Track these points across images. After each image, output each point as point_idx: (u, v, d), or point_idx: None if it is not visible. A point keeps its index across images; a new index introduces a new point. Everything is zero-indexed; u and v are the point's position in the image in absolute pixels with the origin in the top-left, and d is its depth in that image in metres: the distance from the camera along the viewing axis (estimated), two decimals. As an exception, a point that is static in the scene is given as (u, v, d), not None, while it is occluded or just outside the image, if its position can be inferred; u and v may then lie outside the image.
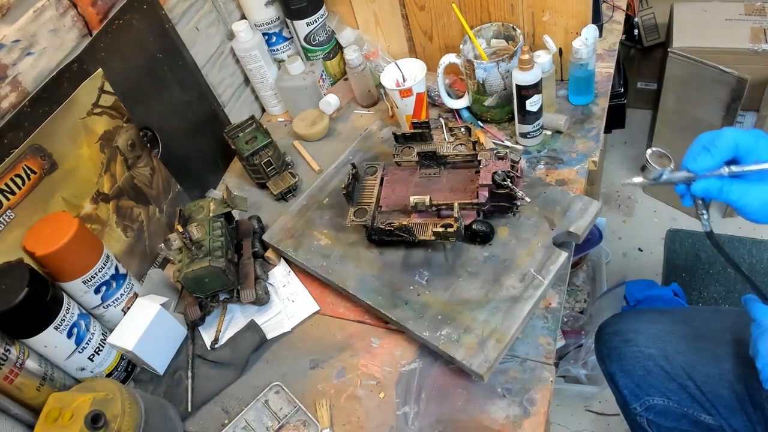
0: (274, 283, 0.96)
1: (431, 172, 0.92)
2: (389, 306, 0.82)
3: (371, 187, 0.91)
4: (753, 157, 0.65)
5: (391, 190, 0.91)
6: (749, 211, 0.66)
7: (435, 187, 0.89)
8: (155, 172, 0.99)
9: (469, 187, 0.87)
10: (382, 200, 0.90)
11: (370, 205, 0.88)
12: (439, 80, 1.05)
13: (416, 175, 0.92)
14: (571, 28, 1.01)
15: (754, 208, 0.65)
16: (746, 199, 0.65)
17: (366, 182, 0.93)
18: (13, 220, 0.76)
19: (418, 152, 0.91)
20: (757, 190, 0.65)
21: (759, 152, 0.64)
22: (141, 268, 0.97)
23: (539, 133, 1.00)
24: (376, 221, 0.86)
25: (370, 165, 0.95)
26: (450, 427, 0.74)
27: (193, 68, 1.08)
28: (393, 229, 0.83)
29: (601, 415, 1.48)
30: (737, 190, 0.65)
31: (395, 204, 0.89)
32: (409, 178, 0.92)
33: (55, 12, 0.82)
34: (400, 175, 0.93)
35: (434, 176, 0.91)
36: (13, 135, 0.76)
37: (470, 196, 0.85)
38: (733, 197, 0.65)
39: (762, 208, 0.65)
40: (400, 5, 1.12)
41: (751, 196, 0.65)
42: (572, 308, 1.58)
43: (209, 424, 0.83)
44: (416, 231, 0.83)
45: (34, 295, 0.72)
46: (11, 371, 0.72)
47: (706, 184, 0.66)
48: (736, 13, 1.57)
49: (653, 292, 1.58)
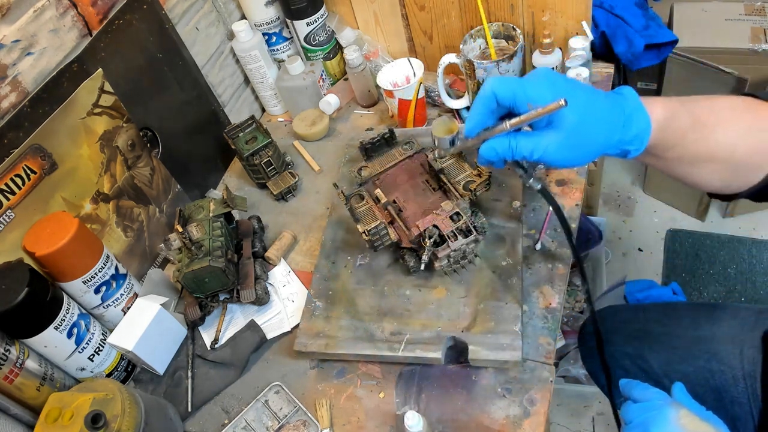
0: (274, 283, 0.96)
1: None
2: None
3: (369, 210, 0.86)
4: (525, 102, 0.57)
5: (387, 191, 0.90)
6: (553, 161, 0.58)
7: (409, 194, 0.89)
8: (155, 172, 0.99)
9: (440, 208, 0.83)
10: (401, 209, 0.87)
11: (379, 224, 0.83)
12: (439, 80, 1.05)
13: (399, 172, 0.92)
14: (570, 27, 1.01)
15: (552, 156, 0.58)
16: (540, 149, 0.57)
17: (359, 210, 0.87)
18: (13, 220, 0.76)
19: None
20: (549, 136, 0.57)
21: (530, 96, 0.56)
22: (141, 268, 0.97)
23: None
24: (410, 234, 0.81)
25: (352, 195, 0.89)
26: (450, 427, 0.74)
27: (193, 68, 1.08)
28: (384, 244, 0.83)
29: (601, 415, 1.48)
30: (526, 143, 0.58)
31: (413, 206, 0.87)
32: (396, 182, 0.91)
33: (55, 12, 0.82)
34: (388, 182, 0.92)
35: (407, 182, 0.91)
36: (13, 135, 0.76)
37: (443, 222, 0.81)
38: (526, 152, 0.58)
39: (563, 153, 0.58)
40: (400, 5, 1.12)
41: (544, 144, 0.57)
42: (572, 308, 1.58)
43: (209, 424, 0.83)
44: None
45: (34, 295, 0.72)
46: (11, 371, 0.72)
47: (493, 144, 0.59)
48: (736, 13, 1.57)
49: (653, 291, 1.58)
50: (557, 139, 0.57)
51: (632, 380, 0.69)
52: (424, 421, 0.68)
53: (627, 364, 0.91)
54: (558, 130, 0.57)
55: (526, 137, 0.58)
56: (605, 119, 0.58)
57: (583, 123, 0.57)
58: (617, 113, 0.58)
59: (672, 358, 0.88)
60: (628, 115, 0.58)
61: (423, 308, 0.82)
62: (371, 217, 0.85)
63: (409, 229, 0.82)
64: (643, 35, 1.09)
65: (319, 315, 0.85)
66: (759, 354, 0.81)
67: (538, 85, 0.57)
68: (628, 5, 1.12)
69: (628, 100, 0.59)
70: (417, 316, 0.81)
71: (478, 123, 0.60)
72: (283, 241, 1.00)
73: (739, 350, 0.83)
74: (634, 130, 0.58)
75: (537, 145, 0.58)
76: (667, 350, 0.88)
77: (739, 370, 0.82)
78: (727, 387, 0.83)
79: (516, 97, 0.57)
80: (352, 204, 0.88)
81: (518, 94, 0.57)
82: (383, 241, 0.83)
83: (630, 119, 0.58)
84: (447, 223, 0.80)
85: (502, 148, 0.59)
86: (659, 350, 0.89)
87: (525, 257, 0.85)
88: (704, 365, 0.85)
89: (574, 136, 0.57)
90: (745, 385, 0.81)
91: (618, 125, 0.58)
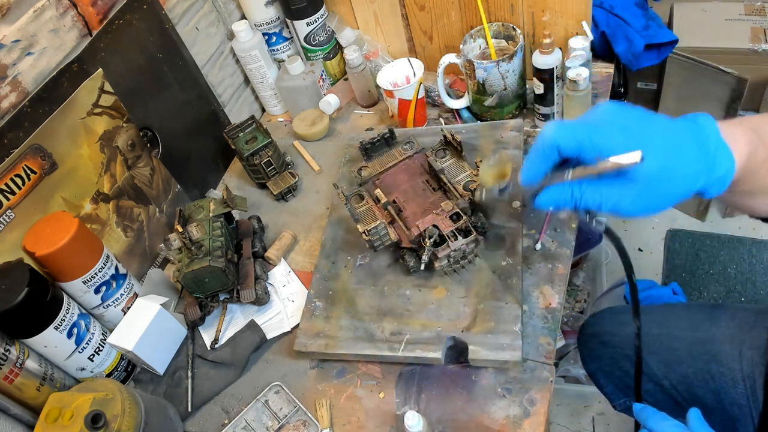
0: (274, 283, 0.96)
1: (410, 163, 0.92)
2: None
3: (369, 210, 0.87)
4: (592, 153, 0.49)
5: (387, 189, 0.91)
6: (622, 212, 0.51)
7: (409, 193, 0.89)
8: (155, 172, 0.99)
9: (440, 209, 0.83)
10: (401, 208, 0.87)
11: (380, 224, 0.83)
12: (439, 80, 1.05)
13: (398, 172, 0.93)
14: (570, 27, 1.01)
15: (626, 209, 0.50)
16: (612, 202, 0.50)
17: (358, 210, 0.88)
18: (13, 220, 0.76)
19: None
20: (621, 188, 0.49)
21: (599, 146, 0.48)
22: (141, 268, 0.97)
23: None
24: (410, 234, 0.82)
25: (353, 195, 0.90)
26: (450, 427, 0.74)
27: (193, 68, 1.08)
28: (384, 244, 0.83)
29: (601, 415, 1.48)
30: (592, 195, 0.50)
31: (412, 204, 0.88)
32: (396, 182, 0.92)
33: (55, 12, 0.82)
34: (387, 182, 0.93)
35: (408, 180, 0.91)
36: (13, 135, 0.76)
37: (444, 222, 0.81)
38: (592, 205, 0.51)
39: (637, 206, 0.50)
40: (400, 5, 1.12)
41: (616, 196, 0.50)
42: (572, 308, 1.58)
43: (209, 424, 0.83)
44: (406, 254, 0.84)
45: (34, 295, 0.72)
46: (11, 371, 0.72)
47: (552, 195, 0.52)
48: (736, 13, 1.57)
49: (653, 291, 1.58)
50: (631, 192, 0.49)
51: (647, 407, 0.65)
52: (424, 421, 0.68)
53: (626, 366, 0.91)
54: (632, 180, 0.49)
55: (593, 187, 0.50)
56: (688, 166, 0.50)
57: (662, 173, 0.49)
58: (701, 156, 0.50)
59: (671, 359, 0.88)
60: (712, 157, 0.50)
61: (423, 308, 0.82)
62: (371, 217, 0.85)
63: (409, 229, 0.82)
64: (643, 35, 1.09)
65: (319, 315, 0.85)
66: (759, 356, 0.81)
67: (608, 133, 0.49)
68: (628, 5, 1.12)
69: (710, 138, 0.51)
70: (417, 316, 0.81)
71: (537, 174, 0.52)
72: (283, 241, 1.00)
73: (738, 351, 0.83)
74: (718, 173, 0.50)
75: (606, 197, 0.50)
76: (667, 352, 0.88)
77: (739, 371, 0.82)
78: (727, 389, 0.83)
79: (582, 147, 0.49)
80: (352, 204, 0.88)
81: (585, 145, 0.49)
82: (383, 241, 0.83)
83: (714, 161, 0.50)
84: (447, 223, 0.80)
85: (563, 199, 0.52)
86: (658, 352, 0.89)
87: (525, 257, 0.85)
88: (703, 367, 0.85)
89: (651, 188, 0.49)
90: (744, 386, 0.81)
91: (702, 171, 0.50)
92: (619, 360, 0.92)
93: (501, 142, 0.96)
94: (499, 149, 0.95)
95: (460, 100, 1.09)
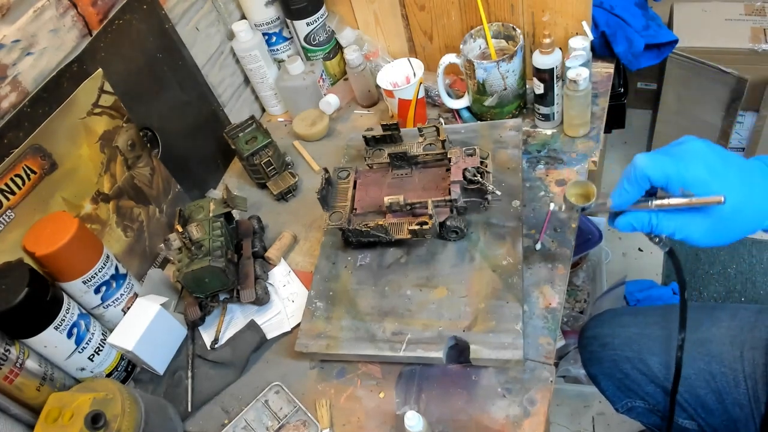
0: (274, 283, 0.96)
1: (403, 172, 0.93)
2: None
3: (345, 190, 0.92)
4: (678, 185, 0.56)
5: (365, 192, 0.92)
6: (692, 242, 0.58)
7: (408, 186, 0.90)
8: (155, 172, 0.99)
9: (441, 184, 0.88)
10: (356, 203, 0.91)
11: (345, 208, 0.89)
12: (439, 80, 1.05)
13: (389, 176, 0.93)
14: (570, 27, 1.01)
15: (697, 239, 0.58)
16: (685, 232, 0.57)
17: (339, 186, 0.93)
18: (13, 220, 0.76)
19: (389, 153, 0.92)
20: (696, 221, 0.56)
21: (685, 180, 0.55)
22: (141, 268, 0.97)
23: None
24: (351, 223, 0.86)
25: (342, 169, 0.95)
26: (450, 427, 0.74)
27: (193, 68, 1.08)
28: (369, 229, 0.84)
29: (601, 415, 1.48)
30: (668, 223, 0.58)
31: (370, 205, 0.90)
32: (381, 180, 0.93)
33: (55, 12, 0.82)
34: (372, 177, 0.94)
35: (406, 176, 0.92)
36: (13, 135, 0.76)
37: (443, 194, 0.86)
38: (667, 232, 0.58)
39: (707, 238, 0.57)
40: (400, 5, 1.12)
41: (690, 227, 0.57)
42: (572, 308, 1.58)
43: (209, 424, 0.83)
44: (392, 230, 0.84)
45: (34, 295, 0.72)
46: (11, 371, 0.72)
47: (630, 220, 0.60)
48: (736, 13, 1.57)
49: (653, 291, 1.58)
50: (703, 225, 0.56)
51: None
52: (424, 421, 0.68)
53: (627, 368, 0.91)
54: (706, 216, 0.56)
55: (669, 217, 0.58)
56: (760, 206, 0.56)
57: (736, 213, 0.55)
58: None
59: (671, 361, 0.88)
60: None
61: (424, 308, 0.82)
62: (342, 198, 0.88)
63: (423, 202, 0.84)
64: (643, 35, 1.09)
65: (320, 316, 0.85)
66: (761, 356, 0.81)
67: (695, 170, 0.55)
68: (628, 5, 1.12)
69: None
70: (418, 316, 0.81)
71: (629, 200, 0.59)
72: (283, 241, 1.00)
73: (740, 352, 0.83)
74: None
75: (680, 227, 0.57)
76: (668, 353, 0.88)
77: (740, 372, 0.82)
78: (729, 389, 0.82)
79: (669, 180, 0.55)
80: (333, 176, 0.93)
81: (672, 178, 0.55)
82: (345, 222, 0.86)
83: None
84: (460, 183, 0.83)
85: (641, 224, 0.59)
86: (659, 353, 0.89)
87: (525, 257, 0.85)
88: (705, 368, 0.85)
89: (723, 224, 0.56)
90: (746, 386, 0.81)
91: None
92: (620, 362, 0.92)
93: (500, 142, 0.97)
94: (498, 149, 0.95)
95: (460, 100, 1.09)
